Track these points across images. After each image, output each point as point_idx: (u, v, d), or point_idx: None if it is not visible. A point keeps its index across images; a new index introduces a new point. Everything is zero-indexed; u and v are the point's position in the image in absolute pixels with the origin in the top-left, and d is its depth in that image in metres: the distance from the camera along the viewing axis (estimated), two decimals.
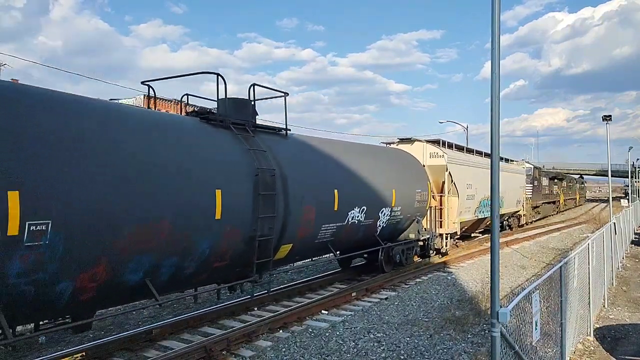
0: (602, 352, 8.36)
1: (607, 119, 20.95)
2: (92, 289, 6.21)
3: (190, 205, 7.31)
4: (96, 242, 5.99)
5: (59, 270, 5.65)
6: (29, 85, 6.61)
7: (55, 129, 5.85)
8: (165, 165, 7.08)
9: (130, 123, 7.13)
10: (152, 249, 6.78)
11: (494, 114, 4.53)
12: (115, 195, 6.21)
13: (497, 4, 4.44)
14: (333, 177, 11.17)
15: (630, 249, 20.95)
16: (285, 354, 7.98)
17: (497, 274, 4.48)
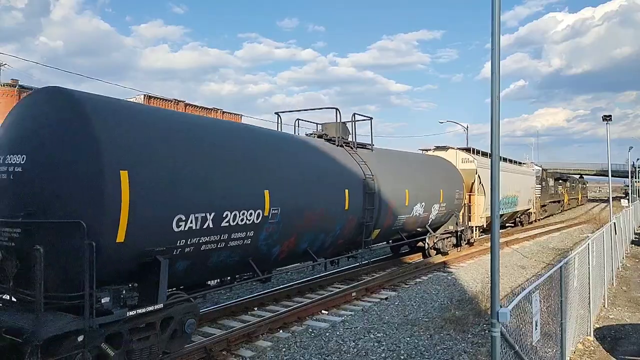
0: (602, 352, 8.36)
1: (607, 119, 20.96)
2: (285, 252, 9.86)
3: (333, 200, 10.90)
4: (293, 223, 9.55)
5: (278, 238, 9.28)
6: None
7: (292, 161, 10.13)
8: (322, 172, 10.90)
9: (303, 144, 11.56)
10: (313, 228, 10.34)
11: (494, 114, 4.53)
12: (302, 193, 9.81)
13: (497, 4, 4.44)
14: (404, 179, 14.63)
15: (630, 249, 20.94)
16: (285, 354, 7.98)
17: (497, 273, 4.48)
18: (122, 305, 6.48)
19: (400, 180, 14.29)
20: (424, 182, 15.79)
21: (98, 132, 6.37)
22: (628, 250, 20.37)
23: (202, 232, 7.50)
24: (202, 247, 7.62)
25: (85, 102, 6.71)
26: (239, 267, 9.01)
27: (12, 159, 6.59)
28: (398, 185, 13.97)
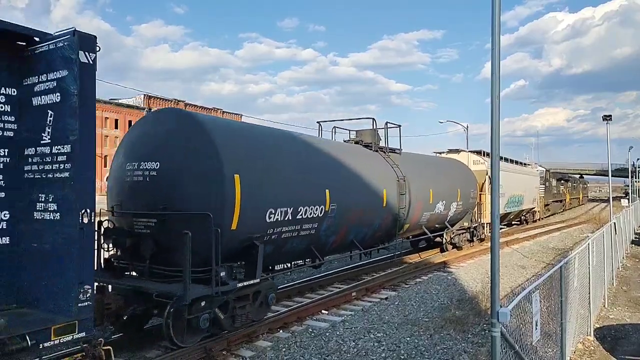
0: (602, 352, 8.36)
1: (607, 118, 20.97)
2: (337, 242, 11.82)
3: (374, 198, 12.80)
4: (345, 217, 11.41)
5: (334, 230, 11.20)
6: None
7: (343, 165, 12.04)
8: (365, 174, 12.62)
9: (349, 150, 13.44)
10: (359, 222, 12.24)
11: (494, 114, 4.52)
12: (351, 192, 11.71)
13: (497, 4, 4.44)
14: (429, 180, 16.36)
15: (630, 249, 20.94)
16: (285, 354, 7.98)
17: (497, 273, 4.48)
18: (233, 278, 8.30)
19: (426, 181, 16.12)
20: (444, 183, 17.58)
21: (218, 146, 8.28)
22: (628, 250, 20.37)
23: (284, 223, 9.53)
24: (283, 235, 9.65)
25: (206, 122, 8.81)
26: (303, 254, 10.93)
27: (146, 165, 8.36)
28: (424, 185, 15.80)
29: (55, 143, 5.94)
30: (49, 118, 5.99)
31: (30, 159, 6.18)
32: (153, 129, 8.81)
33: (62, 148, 5.88)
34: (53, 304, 5.76)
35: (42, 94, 6.06)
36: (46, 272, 5.90)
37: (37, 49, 6.12)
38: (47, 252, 5.91)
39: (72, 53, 5.77)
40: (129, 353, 8.05)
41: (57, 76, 5.91)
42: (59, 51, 5.90)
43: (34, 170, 6.15)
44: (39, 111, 6.07)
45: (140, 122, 9.57)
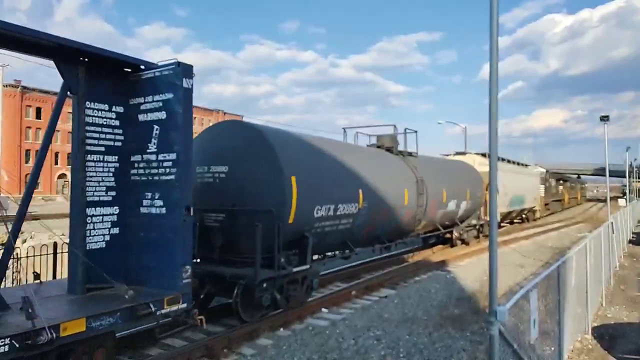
0: (599, 350, 8.43)
1: (604, 119, 21.06)
2: (366, 236, 13.13)
3: (397, 197, 14.18)
4: (373, 214, 12.82)
5: (364, 225, 12.60)
6: None
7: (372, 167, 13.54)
8: (389, 175, 14.16)
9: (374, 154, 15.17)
10: (384, 218, 13.71)
11: (492, 115, 4.59)
12: (379, 192, 13.09)
13: (495, 7, 4.51)
14: (442, 181, 17.64)
15: (627, 248, 21.03)
16: (286, 351, 8.05)
17: (495, 272, 4.55)
18: (290, 264, 9.92)
19: (440, 181, 17.42)
20: (455, 183, 18.96)
21: (278, 153, 9.72)
22: (625, 249, 20.45)
23: (327, 218, 11.02)
24: (325, 228, 11.11)
25: (267, 132, 10.37)
26: (338, 245, 12.49)
27: (216, 169, 9.84)
28: (438, 186, 17.08)
29: (160, 152, 7.42)
30: (155, 131, 7.49)
31: (136, 164, 7.66)
32: (220, 137, 10.37)
33: (168, 156, 7.35)
34: (161, 281, 7.18)
35: (148, 112, 7.56)
36: (153, 255, 7.34)
37: (143, 75, 7.62)
38: (153, 239, 7.36)
39: (176, 80, 7.24)
40: (132, 351, 8.12)
41: (163, 98, 7.40)
42: (165, 78, 7.36)
43: (140, 173, 7.63)
44: (145, 126, 7.54)
45: (208, 131, 11.09)
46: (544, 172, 43.76)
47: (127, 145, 7.68)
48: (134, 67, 7.66)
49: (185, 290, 7.15)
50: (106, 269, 6.93)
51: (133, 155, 7.67)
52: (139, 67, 7.62)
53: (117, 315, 6.24)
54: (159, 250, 7.30)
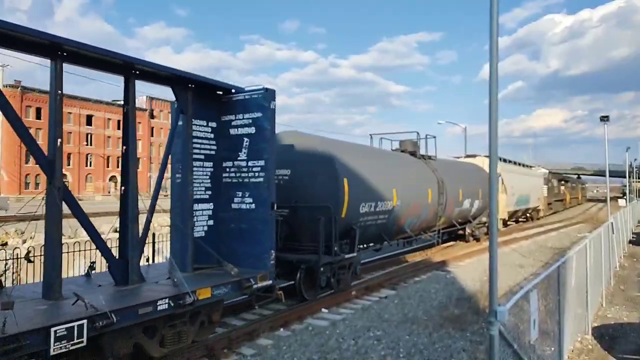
0: (599, 350, 8.43)
1: (604, 119, 21.07)
2: (396, 229, 15.06)
3: (422, 195, 16.21)
4: (404, 210, 14.82)
5: (396, 220, 14.55)
6: None
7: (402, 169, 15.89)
8: (416, 176, 16.40)
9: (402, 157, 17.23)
10: (412, 214, 15.62)
11: (492, 115, 4.59)
12: (409, 191, 15.05)
13: (495, 7, 4.51)
14: (458, 181, 19.67)
15: (627, 249, 21.02)
16: (286, 352, 8.05)
17: (495, 272, 4.54)
18: (342, 252, 11.94)
19: (456, 182, 19.37)
20: (469, 183, 20.96)
21: (334, 158, 11.87)
22: (625, 249, 20.45)
23: (369, 214, 12.97)
24: (367, 222, 13.05)
25: (323, 141, 12.82)
26: (374, 238, 14.35)
27: (280, 171, 11.27)
28: (455, 186, 19.08)
29: (250, 159, 9.24)
30: (245, 143, 9.29)
31: (228, 169, 9.53)
32: (283, 145, 11.74)
33: (257, 162, 9.17)
34: (253, 263, 9.02)
35: (239, 127, 9.39)
36: (243, 242, 9.21)
37: (234, 97, 9.47)
38: (243, 230, 9.23)
39: (264, 102, 9.08)
40: None
41: (252, 116, 9.21)
42: (254, 100, 9.18)
43: (231, 177, 9.49)
44: (236, 138, 9.42)
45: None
46: (546, 172, 45.97)
47: (219, 154, 9.62)
48: (226, 91, 9.54)
49: (271, 270, 9.03)
50: (204, 253, 8.86)
51: (225, 161, 9.60)
52: (230, 90, 9.51)
53: (229, 287, 8.13)
54: (250, 238, 9.19)
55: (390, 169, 14.96)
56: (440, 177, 17.88)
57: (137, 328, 6.73)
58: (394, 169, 15.29)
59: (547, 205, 44.40)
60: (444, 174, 18.28)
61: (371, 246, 14.81)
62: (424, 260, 17.82)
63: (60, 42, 6.62)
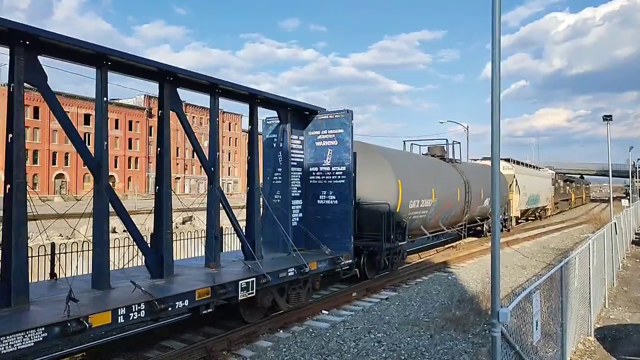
0: (602, 352, 8.35)
1: (607, 118, 20.98)
2: (432, 223, 17.43)
3: (453, 194, 18.67)
4: (440, 207, 17.53)
5: (433, 215, 17.29)
6: None
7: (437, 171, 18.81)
8: (447, 178, 18.89)
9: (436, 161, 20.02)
10: (445, 210, 18.03)
11: (495, 114, 4.53)
12: (443, 190, 17.69)
13: (497, 5, 4.44)
14: (480, 182, 21.92)
15: (630, 249, 20.92)
16: (285, 354, 7.98)
17: (497, 274, 4.48)
18: (397, 240, 14.34)
19: (478, 183, 21.74)
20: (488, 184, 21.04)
21: (390, 164, 14.56)
22: (629, 250, 20.35)
23: (415, 209, 15.70)
24: (413, 216, 15.70)
25: (381, 150, 15.41)
26: (415, 230, 16.35)
27: None
28: (478, 186, 21.58)
29: (333, 165, 12.02)
30: (329, 152, 12.03)
31: (314, 173, 12.32)
32: None
33: (339, 168, 11.94)
34: (337, 246, 11.73)
35: (323, 140, 12.15)
36: (328, 230, 11.95)
37: (319, 117, 12.18)
38: (328, 220, 12.02)
39: (346, 121, 11.82)
40: (130, 353, 8.06)
41: (335, 132, 11.95)
42: (337, 119, 11.91)
43: (317, 179, 12.30)
44: (321, 148, 12.17)
45: None
46: (554, 174, 48.86)
47: (307, 161, 12.44)
48: (313, 112, 12.24)
49: (351, 251, 11.92)
50: (297, 238, 11.50)
51: (311, 167, 12.41)
52: (316, 112, 12.21)
53: (327, 262, 11.02)
54: (334, 226, 11.95)
55: (429, 171, 17.73)
56: (466, 178, 20.55)
57: (275, 288, 9.59)
58: (431, 171, 18.06)
59: (554, 205, 46.65)
60: (468, 176, 20.93)
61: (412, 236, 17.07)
62: (426, 261, 17.74)
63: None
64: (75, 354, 7.80)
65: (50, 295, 7.03)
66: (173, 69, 8.50)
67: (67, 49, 6.97)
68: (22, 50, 6.48)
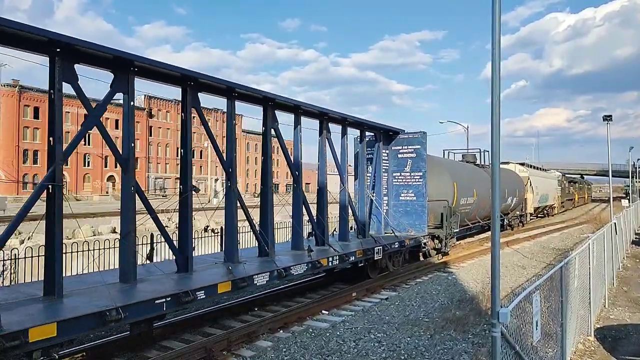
0: (602, 352, 8.34)
1: (607, 119, 20.98)
2: (472, 217, 22.26)
3: (486, 194, 20.73)
4: (479, 204, 21.86)
5: (474, 210, 22.01)
6: None
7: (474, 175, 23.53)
8: (481, 180, 22.50)
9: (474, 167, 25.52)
10: (481, 207, 22.22)
11: (495, 114, 4.52)
12: (480, 190, 21.59)
13: (497, 5, 4.43)
14: (504, 183, 25.27)
15: (630, 249, 20.91)
16: (285, 354, 7.98)
17: (497, 274, 4.48)
18: (452, 228, 18.12)
19: (504, 184, 25.28)
20: (510, 185, 28.36)
21: (447, 170, 19.11)
22: (629, 250, 20.33)
23: (464, 205, 19.52)
24: (462, 211, 19.44)
25: (438, 159, 20.94)
26: (460, 221, 19.54)
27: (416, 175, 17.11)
28: (503, 187, 25.00)
29: (412, 171, 16.37)
30: (408, 162, 16.44)
31: (397, 177, 16.70)
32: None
33: (418, 173, 16.32)
34: (417, 230, 15.96)
35: (405, 153, 16.54)
36: (409, 218, 16.27)
37: (401, 136, 16.65)
38: (408, 211, 16.35)
39: (422, 139, 16.42)
40: (130, 353, 8.06)
41: (413, 147, 16.41)
42: (415, 139, 16.47)
43: (398, 181, 16.67)
44: (402, 159, 16.60)
45: None
46: (560, 175, 54.59)
47: (391, 168, 16.91)
48: (395, 133, 16.78)
49: (427, 234, 16.35)
50: (386, 223, 16.18)
51: (394, 172, 16.88)
52: (398, 132, 16.78)
53: (414, 240, 15.43)
54: (414, 215, 16.27)
55: (470, 175, 22.17)
56: None
57: (386, 256, 13.96)
58: (472, 174, 22.45)
59: (561, 204, 51.03)
60: None
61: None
62: (426, 261, 17.72)
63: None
64: (75, 354, 7.79)
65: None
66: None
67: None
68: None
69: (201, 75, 9.19)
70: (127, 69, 7.96)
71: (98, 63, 7.67)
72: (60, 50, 6.90)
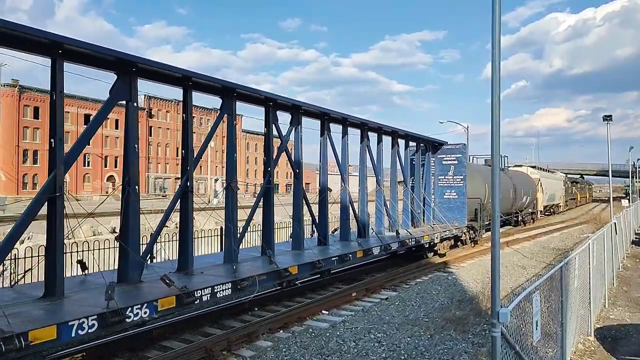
0: (602, 352, 8.34)
1: (607, 119, 20.98)
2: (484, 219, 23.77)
3: (506, 194, 27.65)
4: (502, 204, 23.60)
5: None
6: None
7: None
8: (504, 181, 27.27)
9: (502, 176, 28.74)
10: (504, 204, 26.72)
11: (495, 114, 4.52)
12: (503, 190, 25.11)
13: (497, 5, 4.43)
14: (519, 184, 30.90)
15: (630, 249, 20.91)
16: (285, 354, 7.98)
17: (497, 274, 4.48)
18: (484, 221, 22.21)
19: (519, 185, 30.72)
20: (523, 185, 32.46)
21: (479, 173, 24.09)
22: (629, 250, 20.33)
23: (488, 203, 21.97)
24: (489, 206, 19.29)
25: (472, 164, 26.75)
26: (489, 216, 20.54)
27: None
28: (519, 187, 30.60)
29: (455, 175, 20.34)
30: (451, 167, 20.37)
31: (441, 179, 20.49)
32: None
33: (459, 177, 20.20)
34: (459, 222, 19.87)
35: (448, 160, 20.42)
36: (452, 213, 20.00)
37: (445, 147, 20.63)
38: (451, 207, 20.13)
39: (463, 150, 20.69)
40: (130, 353, 8.06)
41: (455, 156, 20.38)
42: (457, 149, 20.59)
43: (443, 183, 20.44)
44: (445, 165, 20.45)
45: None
46: (564, 176, 59.16)
47: (436, 172, 20.16)
48: (440, 144, 20.30)
49: (467, 225, 20.15)
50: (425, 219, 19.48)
51: (439, 176, 20.21)
52: (442, 144, 20.36)
53: (458, 230, 19.49)
54: (456, 211, 19.73)
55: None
56: (513, 182, 29.67)
57: (432, 243, 17.43)
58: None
59: (565, 203, 54.72)
60: (514, 179, 30.22)
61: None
62: (426, 261, 17.72)
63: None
64: (75, 354, 7.79)
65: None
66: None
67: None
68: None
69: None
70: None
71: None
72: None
